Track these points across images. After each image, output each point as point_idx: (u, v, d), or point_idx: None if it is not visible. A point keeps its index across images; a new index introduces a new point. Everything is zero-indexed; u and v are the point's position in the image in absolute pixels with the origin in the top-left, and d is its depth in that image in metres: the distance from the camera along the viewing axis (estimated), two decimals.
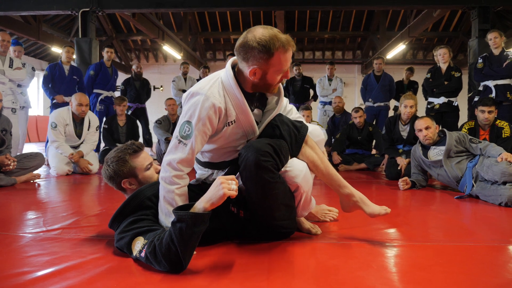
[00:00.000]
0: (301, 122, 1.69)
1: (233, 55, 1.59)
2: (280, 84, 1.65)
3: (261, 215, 1.59)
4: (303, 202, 1.67)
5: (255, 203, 1.56)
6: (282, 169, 1.57)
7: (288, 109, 1.81)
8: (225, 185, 1.26)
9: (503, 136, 3.42)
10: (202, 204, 1.28)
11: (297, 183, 1.59)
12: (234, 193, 1.27)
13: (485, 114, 3.47)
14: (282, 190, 1.56)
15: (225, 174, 1.69)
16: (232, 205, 1.61)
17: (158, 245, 1.28)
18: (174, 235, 1.25)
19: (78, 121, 4.16)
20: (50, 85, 4.99)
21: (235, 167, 1.60)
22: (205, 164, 1.74)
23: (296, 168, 1.59)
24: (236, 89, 1.53)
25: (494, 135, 3.47)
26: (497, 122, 3.50)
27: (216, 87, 1.52)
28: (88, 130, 4.22)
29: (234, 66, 1.59)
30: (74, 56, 6.61)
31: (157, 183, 1.61)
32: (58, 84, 5.03)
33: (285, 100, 1.79)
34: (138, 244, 1.36)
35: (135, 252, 1.37)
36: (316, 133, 1.76)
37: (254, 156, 1.45)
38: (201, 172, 1.77)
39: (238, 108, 1.55)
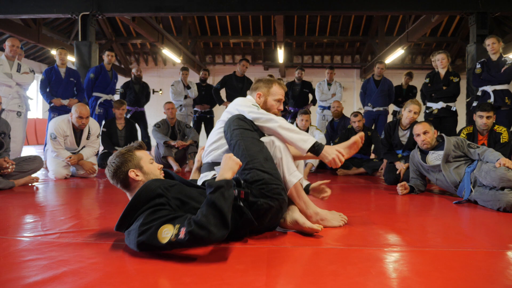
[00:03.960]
0: None
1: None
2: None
3: (250, 162, 1.77)
4: (284, 160, 1.88)
5: (241, 151, 1.81)
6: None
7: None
8: (233, 156, 1.66)
9: (501, 142, 3.42)
10: (224, 175, 1.57)
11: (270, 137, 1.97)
12: (239, 161, 1.67)
13: (483, 120, 3.48)
14: (262, 146, 1.87)
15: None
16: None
17: (201, 218, 1.40)
18: (216, 200, 1.44)
19: (78, 131, 4.10)
20: (47, 89, 4.98)
21: None
22: (214, 166, 2.03)
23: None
24: None
25: (492, 141, 3.48)
26: (495, 128, 3.51)
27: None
28: (88, 138, 4.16)
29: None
30: (72, 58, 6.63)
31: (161, 179, 1.71)
32: (55, 88, 5.01)
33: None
34: (168, 231, 1.41)
35: (167, 239, 1.41)
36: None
37: (235, 115, 1.97)
38: (205, 174, 2.05)
39: None
